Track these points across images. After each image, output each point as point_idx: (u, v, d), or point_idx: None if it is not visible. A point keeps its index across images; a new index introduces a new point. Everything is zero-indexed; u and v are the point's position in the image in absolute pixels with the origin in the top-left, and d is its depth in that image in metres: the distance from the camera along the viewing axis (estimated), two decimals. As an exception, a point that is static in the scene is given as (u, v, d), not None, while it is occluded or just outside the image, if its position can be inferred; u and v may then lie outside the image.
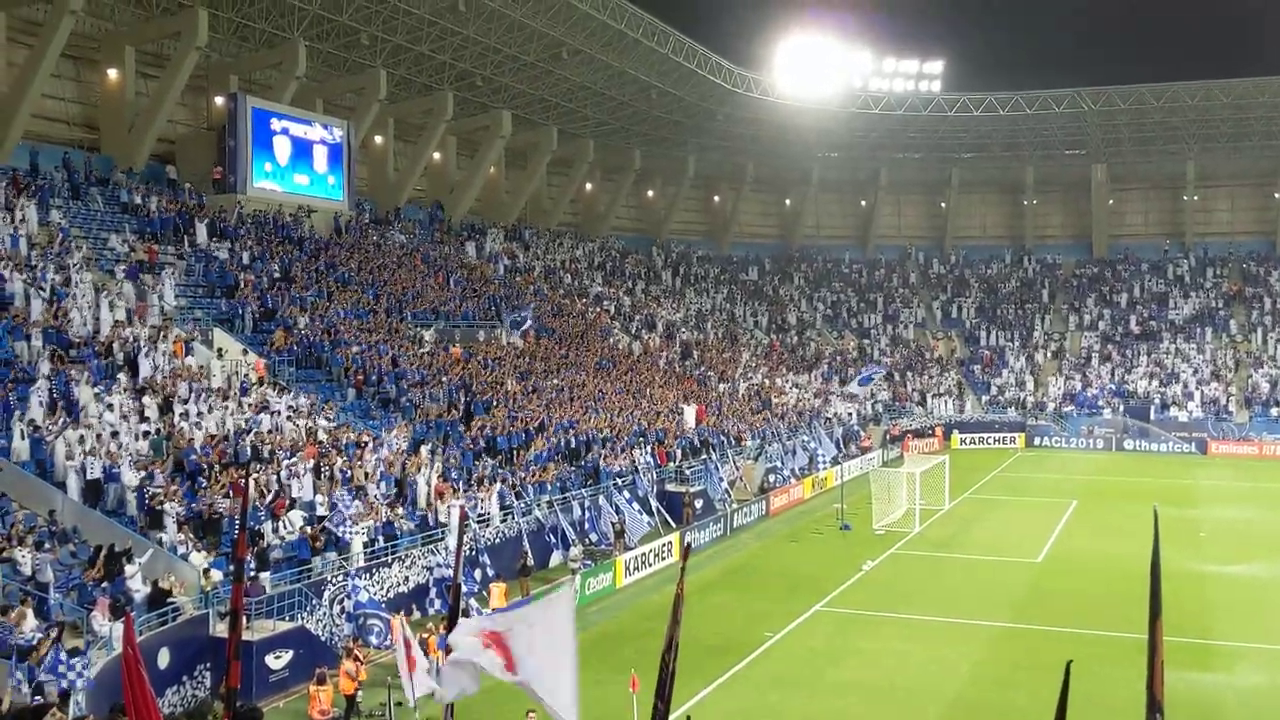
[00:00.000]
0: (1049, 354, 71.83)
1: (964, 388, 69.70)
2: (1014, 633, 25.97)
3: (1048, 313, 75.61)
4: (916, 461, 44.31)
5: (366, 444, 31.02)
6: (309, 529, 25.47)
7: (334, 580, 23.87)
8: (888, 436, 59.47)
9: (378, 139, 55.15)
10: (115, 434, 25.33)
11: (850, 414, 61.14)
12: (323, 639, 22.54)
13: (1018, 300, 77.18)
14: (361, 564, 25.36)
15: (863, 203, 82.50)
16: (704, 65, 57.17)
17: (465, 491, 30.73)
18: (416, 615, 25.29)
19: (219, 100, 45.45)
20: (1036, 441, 63.71)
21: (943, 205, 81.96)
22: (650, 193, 78.14)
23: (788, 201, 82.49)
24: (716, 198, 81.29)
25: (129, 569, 20.98)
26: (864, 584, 30.91)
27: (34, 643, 17.56)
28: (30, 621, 18.29)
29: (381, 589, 25.22)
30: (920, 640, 25.28)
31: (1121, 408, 64.79)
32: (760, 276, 79.26)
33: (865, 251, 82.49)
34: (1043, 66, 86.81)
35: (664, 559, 32.91)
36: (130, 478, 24.12)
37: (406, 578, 26.35)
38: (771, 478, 45.41)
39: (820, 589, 29.72)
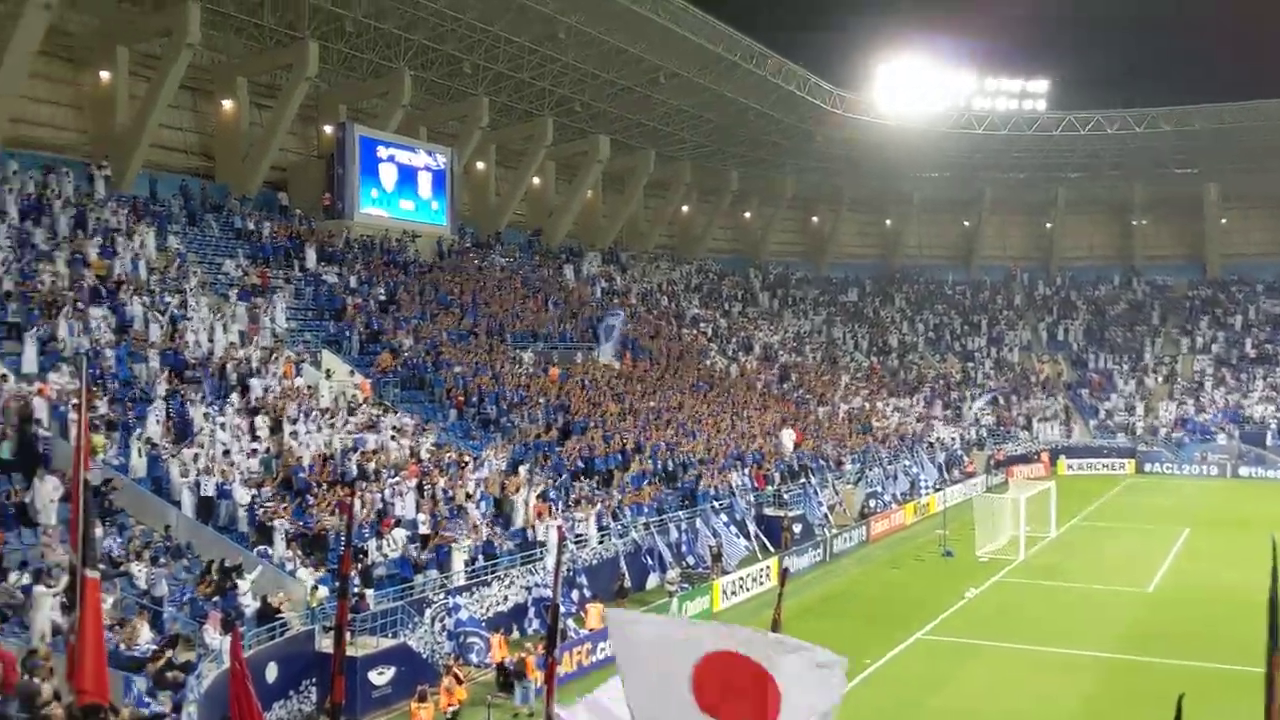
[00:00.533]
0: (1160, 378, 69.72)
1: (1071, 412, 68.00)
2: (1124, 664, 25.18)
3: (1158, 335, 73.42)
4: (1022, 487, 43.32)
5: (467, 464, 31.47)
6: (411, 547, 25.91)
7: (436, 598, 24.22)
8: (992, 462, 58.27)
9: (479, 165, 56.10)
10: (227, 452, 26.12)
11: (953, 438, 60.07)
12: (424, 656, 22.86)
13: (1127, 322, 75.12)
14: (462, 582, 25.69)
15: (966, 223, 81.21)
16: (803, 86, 57.00)
17: (563, 512, 30.95)
18: (515, 635, 25.52)
19: (328, 129, 46.77)
20: (1147, 468, 61.79)
21: (1048, 225, 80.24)
22: (747, 214, 77.97)
23: (888, 222, 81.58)
24: (815, 218, 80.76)
25: (240, 584, 21.57)
26: (967, 612, 30.29)
27: (149, 655, 18.15)
28: (145, 634, 18.91)
29: (481, 607, 25.51)
30: (1026, 670, 24.69)
31: (1236, 433, 62.55)
32: (860, 298, 78.47)
33: (969, 272, 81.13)
34: (1151, 84, 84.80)
35: (761, 583, 32.69)
36: (241, 495, 24.84)
37: (506, 597, 26.60)
38: (872, 503, 44.80)
39: (922, 616, 29.21)
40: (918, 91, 63.37)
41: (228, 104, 43.35)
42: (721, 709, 5.57)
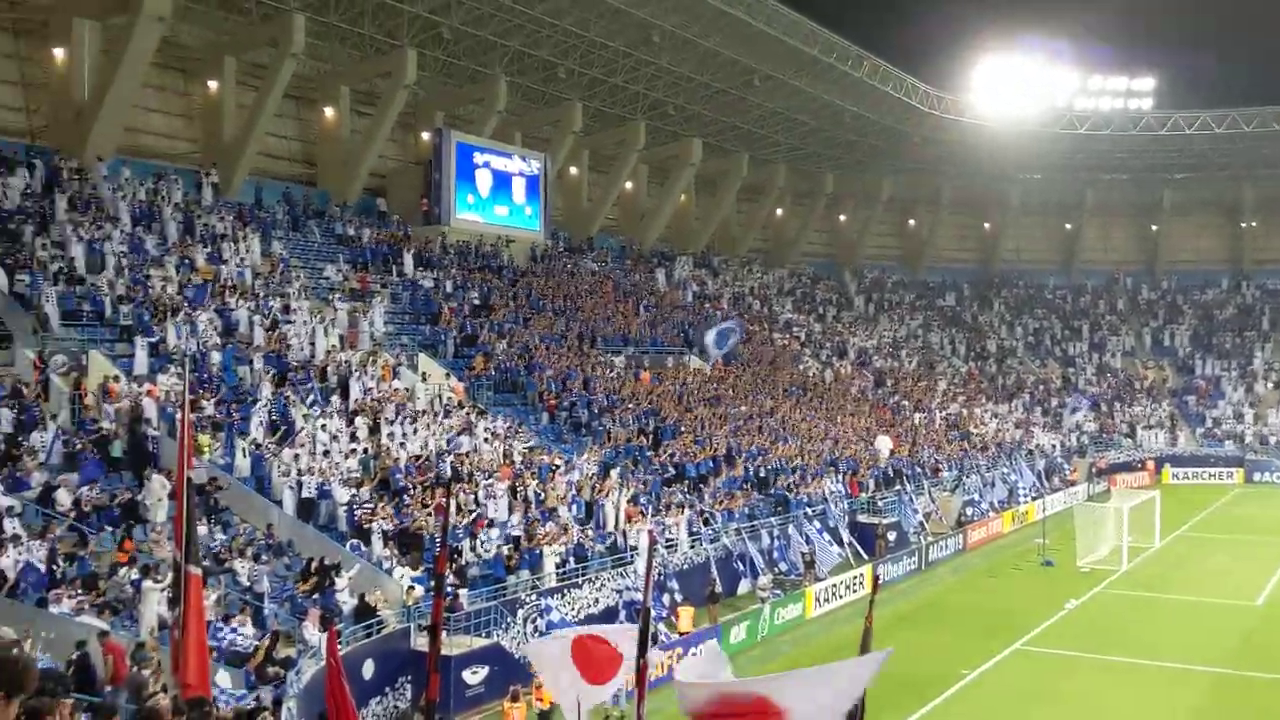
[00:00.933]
0: (1270, 384, 67.25)
1: (1177, 420, 65.99)
2: (1232, 679, 24.36)
3: (1268, 340, 70.85)
4: (1125, 496, 42.19)
5: (558, 467, 31.70)
6: (504, 548, 26.18)
7: (528, 599, 24.43)
8: (1094, 470, 56.83)
9: (572, 170, 56.49)
10: (327, 453, 26.70)
11: (1053, 445, 58.73)
12: (516, 656, 23.07)
13: (1235, 327, 72.64)
14: (553, 584, 25.88)
15: (1067, 226, 79.28)
16: (899, 87, 56.28)
17: (653, 516, 30.98)
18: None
19: (425, 135, 47.54)
20: (1256, 477, 59.66)
21: (1154, 228, 77.94)
22: (842, 217, 77.17)
23: (987, 225, 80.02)
24: (911, 221, 79.57)
25: (339, 582, 22.02)
26: (1067, 623, 29.59)
27: (251, 650, 18.62)
28: (248, 629, 19.41)
29: (572, 609, 25.66)
30: (1130, 684, 24.03)
31: (1354, 443, 60.12)
32: (958, 302, 77.16)
33: (1070, 276, 79.19)
34: (1262, 82, 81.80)
35: (855, 591, 32.34)
36: (340, 495, 25.37)
37: (596, 599, 26.72)
38: (969, 510, 44.03)
39: (1020, 627, 28.61)
40: (1018, 91, 62.03)
41: (329, 112, 44.35)
42: None
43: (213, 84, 40.21)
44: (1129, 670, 25.22)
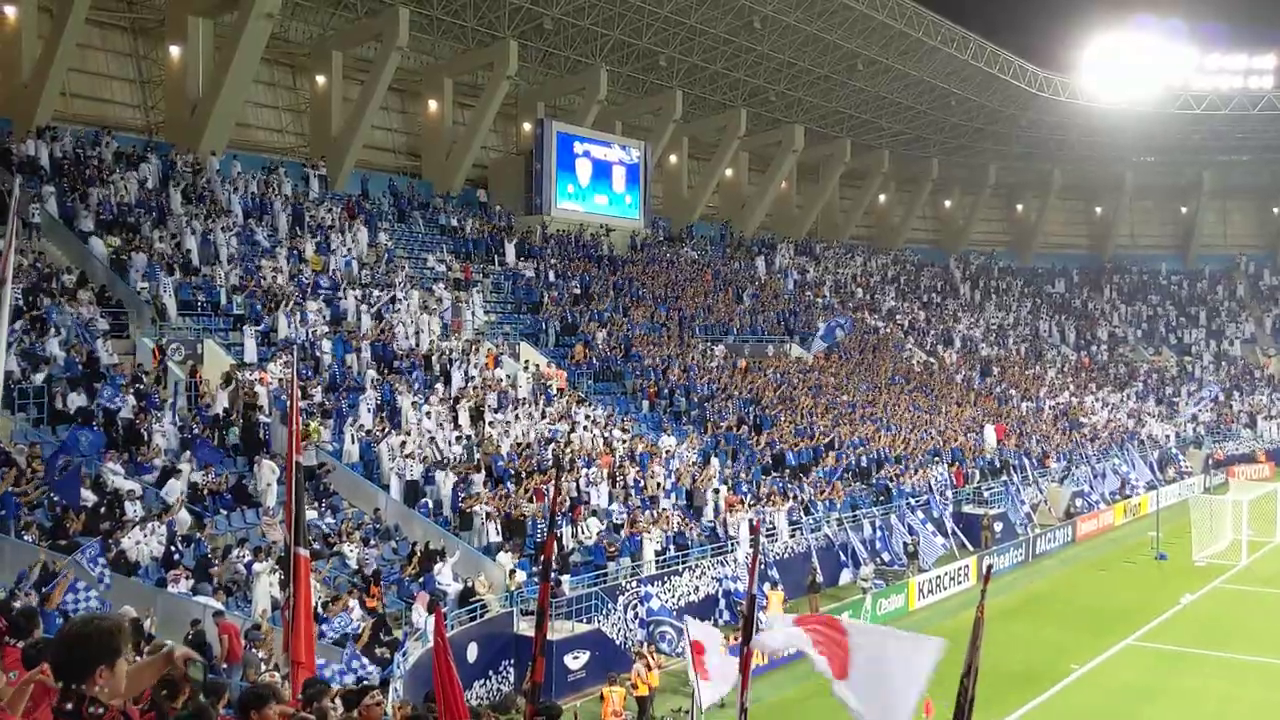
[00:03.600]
0: (1404, 373, 64.22)
1: (1301, 410, 63.37)
2: (1360, 682, 23.35)
3: (1402, 327, 67.67)
4: (1243, 489, 40.72)
5: (659, 455, 31.74)
6: (605, 535, 26.33)
7: (628, 586, 24.54)
8: (1210, 461, 54.93)
9: (672, 158, 56.45)
10: (432, 439, 27.13)
11: (1168, 436, 56.91)
12: (617, 643, 23.20)
13: (1366, 313, 69.53)
14: (653, 572, 25.94)
15: (1184, 209, 76.66)
16: (1006, 69, 54.99)
17: (753, 505, 30.84)
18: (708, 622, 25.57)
19: (526, 126, 47.97)
20: (1388, 470, 57.02)
21: (1276, 211, 74.92)
22: (948, 203, 75.81)
23: (1098, 210, 77.82)
24: (1019, 206, 77.79)
25: (439, 566, 22.39)
26: (1183, 618, 28.67)
27: (359, 631, 19.04)
28: (356, 611, 19.84)
29: (672, 597, 25.70)
30: (1250, 683, 23.20)
31: None
32: (1068, 289, 75.17)
33: (1186, 262, 76.57)
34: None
35: (960, 583, 31.79)
36: (445, 481, 25.76)
37: (696, 587, 26.72)
38: (1078, 502, 42.92)
39: (1132, 622, 27.81)
40: (1130, 71, 60.09)
41: (433, 104, 45.00)
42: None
43: (320, 79, 41.12)
44: (1247, 668, 24.34)
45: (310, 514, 22.74)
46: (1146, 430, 56.69)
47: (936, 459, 40.55)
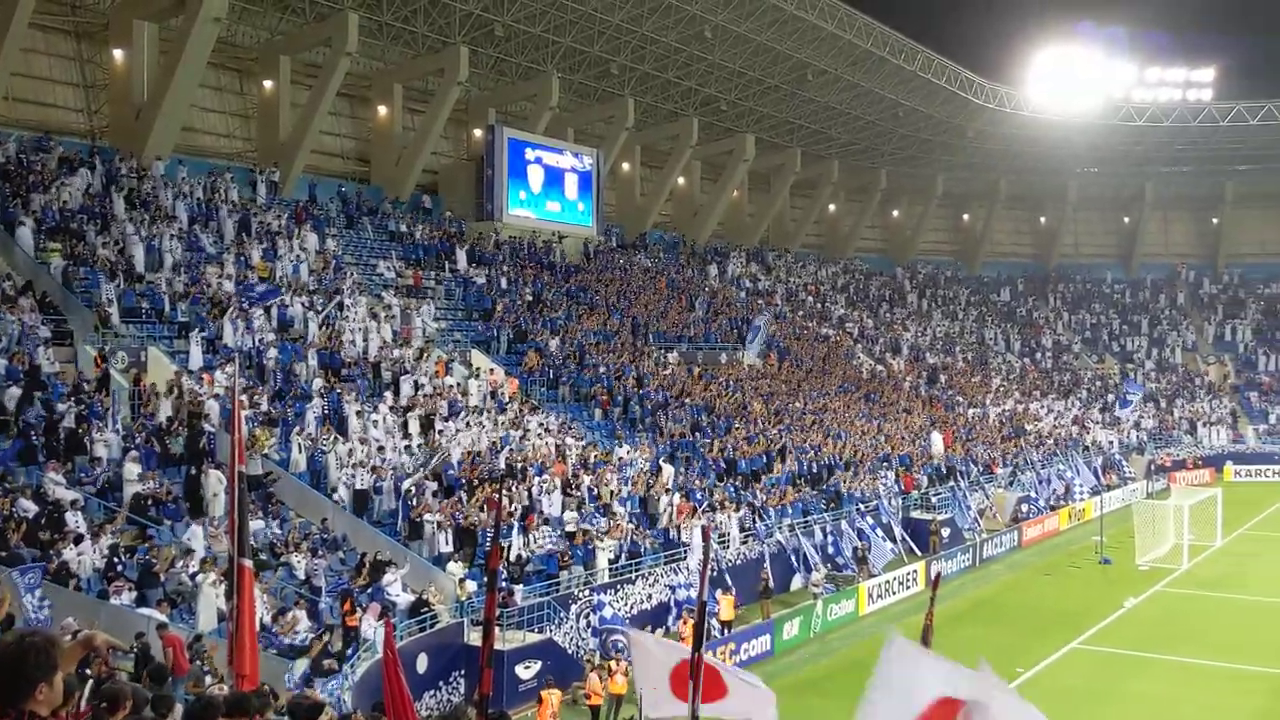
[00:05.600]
0: (1340, 380, 65.72)
1: (1239, 416, 64.68)
2: (1299, 683, 23.82)
3: (1338, 335, 69.26)
4: (1185, 494, 41.42)
5: (612, 463, 31.70)
6: (557, 544, 26.23)
7: (581, 595, 24.47)
8: (1153, 467, 55.86)
9: (625, 166, 56.51)
10: (381, 448, 26.90)
11: (1111, 442, 57.80)
12: (569, 652, 23.12)
13: (1302, 322, 71.07)
14: (606, 580, 25.88)
15: (1126, 219, 78.02)
16: (953, 81, 55.67)
17: (706, 512, 30.89)
18: (658, 633, 25.57)
19: (478, 132, 47.79)
20: (1323, 475, 58.30)
21: (1215, 221, 76.49)
22: (896, 213, 76.59)
23: (1043, 219, 79.00)
24: (966, 216, 78.78)
25: (387, 577, 22.18)
26: (1126, 622, 29.09)
27: (307, 643, 18.80)
28: (304, 623, 19.60)
29: (625, 605, 25.66)
30: (1192, 685, 23.57)
31: None
32: (1013, 297, 76.20)
33: (1128, 271, 77.92)
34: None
35: (908, 587, 32.05)
36: (393, 490, 25.55)
37: (649, 595, 26.70)
38: (1024, 507, 43.46)
39: (1077, 625, 28.17)
40: (1074, 84, 61.10)
41: (383, 110, 44.71)
42: None
43: (268, 83, 40.71)
44: (1190, 671, 24.74)
45: (257, 524, 22.46)
46: (1090, 436, 57.56)
47: (886, 465, 40.91)
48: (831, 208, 71.81)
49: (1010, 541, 39.53)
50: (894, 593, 31.39)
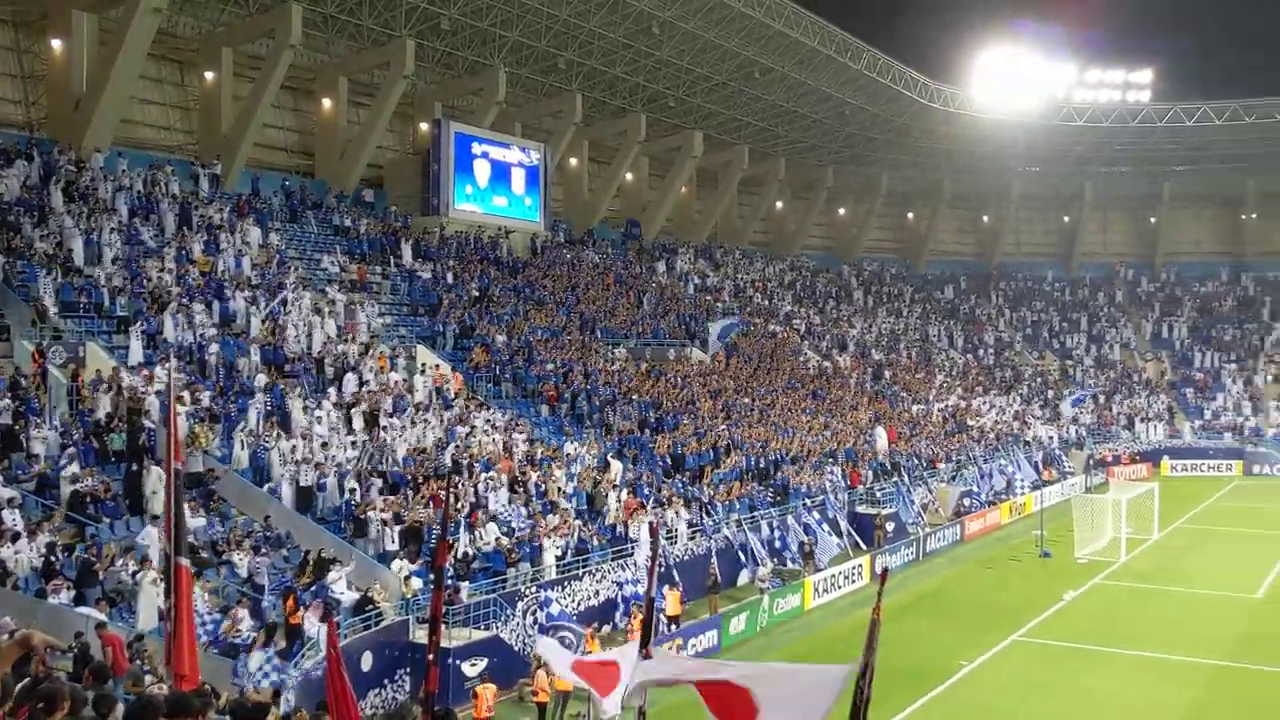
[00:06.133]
0: (1269, 376, 67.26)
1: (1175, 412, 66.02)
2: (1232, 672, 24.35)
3: (1268, 333, 70.86)
4: (1123, 488, 42.19)
5: (559, 459, 31.65)
6: (504, 541, 26.16)
7: (527, 592, 24.42)
8: (1091, 462, 56.85)
9: (572, 161, 56.41)
10: (325, 445, 26.64)
11: (1051, 438, 58.73)
12: (516, 649, 23.06)
13: (1235, 320, 72.66)
14: (553, 577, 25.85)
15: (1066, 218, 79.32)
16: (898, 80, 56.20)
17: (654, 508, 30.95)
18: (606, 629, 25.60)
19: (424, 126, 47.46)
20: (1255, 470, 59.62)
21: (1153, 220, 77.98)
22: (842, 211, 77.20)
23: (985, 218, 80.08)
24: (910, 214, 79.63)
25: (332, 574, 21.99)
26: (1065, 614, 29.57)
27: (249, 642, 18.59)
28: (247, 622, 19.38)
29: (572, 602, 25.65)
30: (1129, 676, 24.01)
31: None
32: (956, 295, 77.14)
33: (1068, 269, 79.24)
34: (1263, 73, 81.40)
35: (854, 581, 32.35)
36: (338, 487, 25.32)
37: (597, 591, 26.72)
38: (967, 502, 44.04)
39: (1018, 618, 28.60)
40: (1017, 84, 61.99)
41: (327, 103, 44.25)
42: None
43: (209, 75, 40.12)
44: (1127, 662, 25.20)
45: (198, 522, 22.17)
46: (1031, 432, 58.44)
47: (832, 460, 41.24)
48: (778, 205, 72.22)
49: (953, 535, 40.02)
50: (839, 587, 31.67)
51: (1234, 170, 72.42)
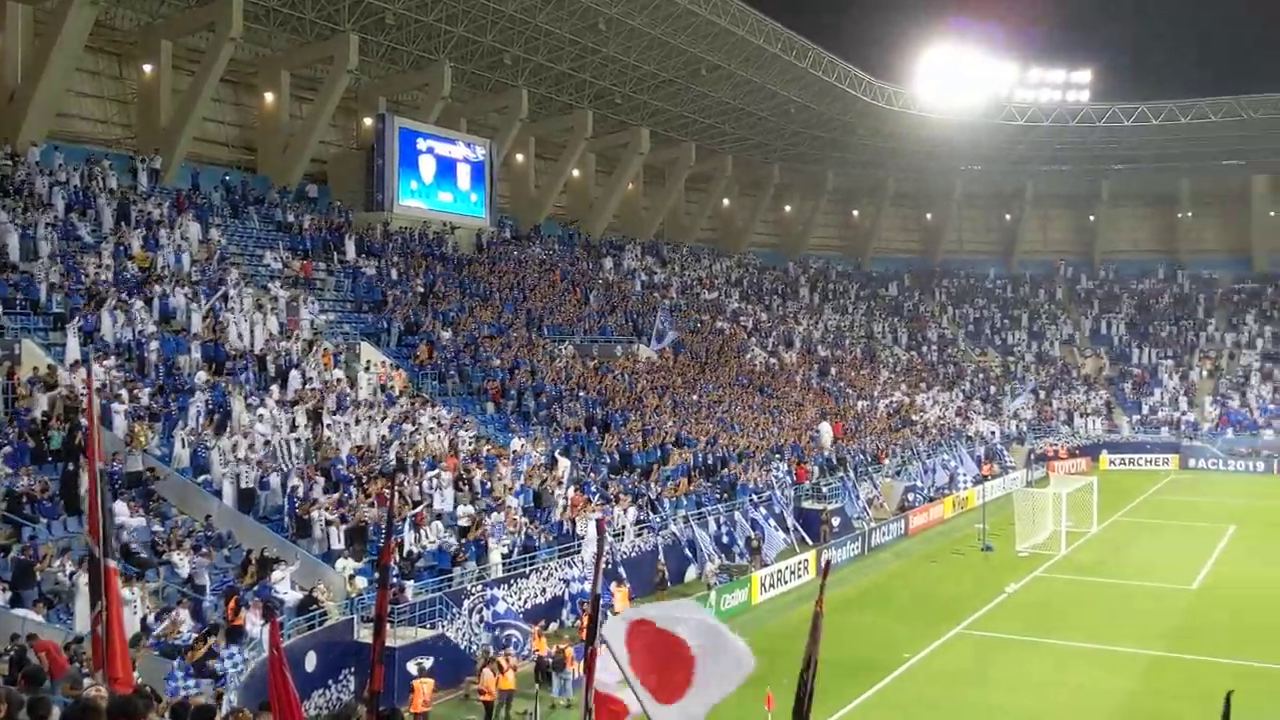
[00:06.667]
0: (1205, 372, 68.70)
1: (1114, 407, 67.21)
2: (1168, 662, 24.86)
3: (1204, 329, 72.40)
4: (1063, 482, 42.87)
5: (505, 457, 31.52)
6: (450, 539, 26.00)
7: (474, 590, 24.30)
8: (1032, 456, 57.70)
9: (519, 157, 56.16)
10: (267, 443, 26.31)
11: (993, 432, 59.53)
12: (462, 647, 22.94)
13: (1172, 317, 74.14)
14: (500, 575, 25.75)
15: (1007, 216, 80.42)
16: (843, 79, 56.60)
17: (601, 505, 30.94)
18: (553, 627, 25.56)
19: (368, 121, 47.01)
20: (1191, 463, 60.92)
21: (1092, 219, 79.31)
22: (788, 208, 77.68)
23: (929, 216, 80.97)
24: (855, 212, 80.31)
25: (275, 574, 21.74)
26: (1007, 607, 30.00)
27: (190, 643, 18.32)
28: (187, 623, 19.08)
29: (519, 600, 25.56)
30: (1069, 667, 24.41)
31: (1285, 429, 61.52)
32: (900, 292, 77.92)
33: (1010, 266, 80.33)
34: (1198, 74, 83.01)
35: (800, 576, 32.56)
36: (280, 486, 25.01)
37: (544, 589, 26.65)
38: (911, 496, 44.51)
39: (961, 611, 28.98)
40: (960, 83, 62.72)
41: (269, 97, 43.67)
42: (646, 676, 6.81)
43: (148, 68, 39.44)
44: (1067, 653, 25.62)
45: (138, 522, 21.82)
46: (973, 427, 59.20)
47: (778, 456, 41.46)
48: (725, 202, 72.48)
49: (898, 530, 40.42)
50: (786, 581, 31.85)
51: (1170, 170, 73.88)
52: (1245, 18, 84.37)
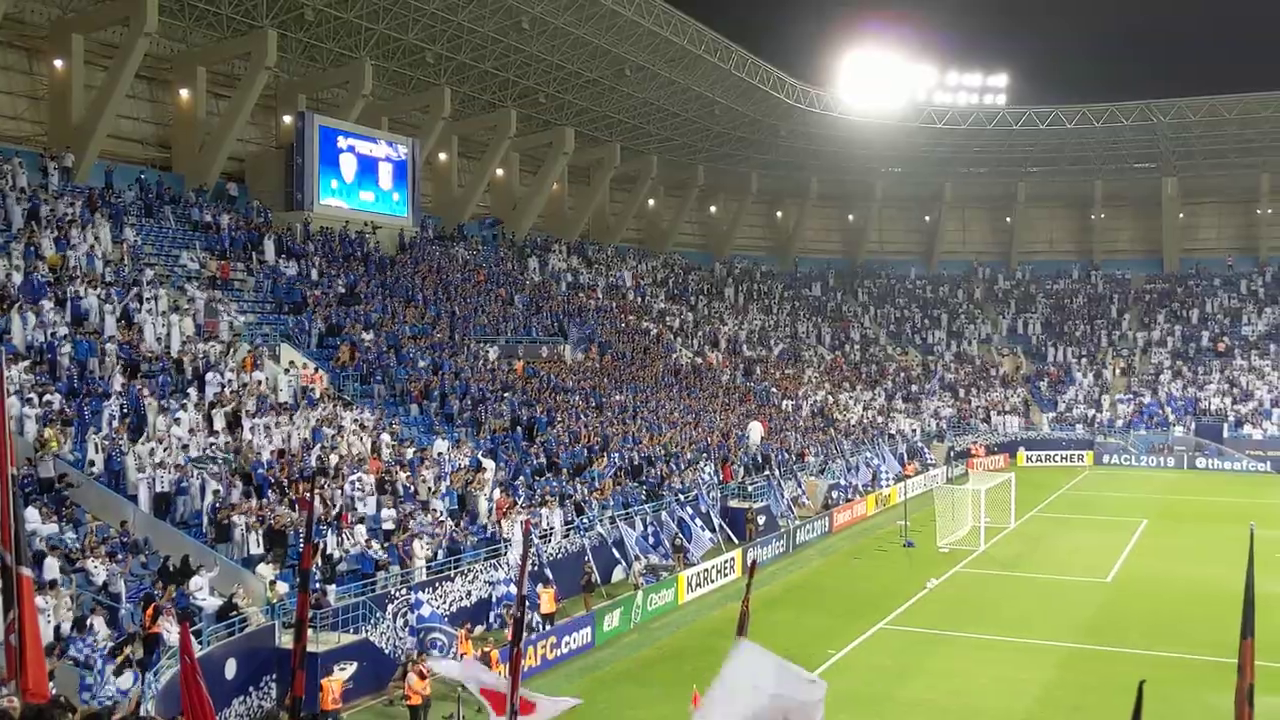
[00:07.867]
0: (1118, 370, 70.49)
1: (1031, 405, 68.64)
2: (1084, 653, 25.43)
3: (1116, 328, 74.27)
4: (982, 479, 43.64)
5: (429, 459, 31.22)
6: (372, 543, 25.69)
7: (398, 594, 24.03)
8: (952, 453, 58.69)
9: (442, 156, 55.73)
10: (185, 447, 25.76)
11: (914, 430, 60.44)
12: (386, 652, 22.67)
13: (1086, 316, 75.93)
14: (424, 578, 25.50)
15: (927, 218, 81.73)
16: (766, 81, 57.07)
17: (527, 507, 30.80)
18: (479, 630, 25.38)
19: (287, 119, 46.26)
20: (1105, 459, 62.46)
21: (1008, 220, 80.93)
22: (713, 209, 78.12)
23: (851, 217, 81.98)
24: (779, 213, 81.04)
25: (194, 580, 21.29)
26: (929, 602, 30.46)
27: (106, 651, 17.86)
28: (103, 631, 18.61)
29: (444, 603, 25.34)
30: (988, 660, 24.86)
31: (1193, 426, 63.33)
32: (824, 292, 78.79)
33: (930, 267, 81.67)
34: (1111, 79, 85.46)
35: (726, 575, 32.73)
36: (199, 491, 24.50)
37: (469, 592, 26.45)
38: (835, 494, 45.01)
39: (884, 607, 29.35)
40: (881, 86, 63.61)
41: (185, 94, 42.74)
42: None
43: (60, 63, 38.37)
44: (986, 646, 26.09)
45: (49, 528, 21.23)
46: (895, 425, 60.05)
47: (705, 456, 41.65)
48: (651, 203, 72.66)
49: (822, 527, 40.84)
50: (713, 580, 31.99)
51: (1084, 172, 75.72)
52: (1157, 24, 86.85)
